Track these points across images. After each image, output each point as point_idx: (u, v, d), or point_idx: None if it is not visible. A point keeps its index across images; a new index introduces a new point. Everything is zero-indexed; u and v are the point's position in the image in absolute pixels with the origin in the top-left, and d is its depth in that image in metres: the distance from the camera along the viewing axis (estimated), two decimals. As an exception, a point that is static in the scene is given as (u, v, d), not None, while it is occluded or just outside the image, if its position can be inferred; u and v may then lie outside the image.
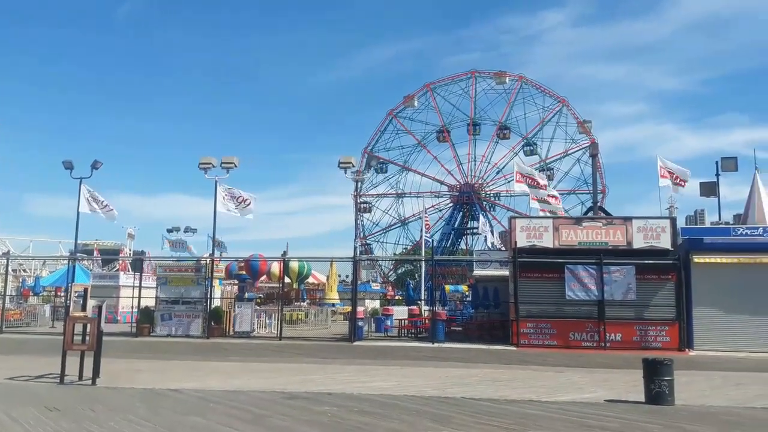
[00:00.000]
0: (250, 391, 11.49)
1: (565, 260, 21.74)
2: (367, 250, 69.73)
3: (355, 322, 23.48)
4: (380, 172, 72.01)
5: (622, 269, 21.30)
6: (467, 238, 72.89)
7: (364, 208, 70.64)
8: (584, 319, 21.63)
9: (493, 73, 69.30)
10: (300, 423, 8.78)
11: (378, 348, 21.33)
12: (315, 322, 31.66)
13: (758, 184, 25.54)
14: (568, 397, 11.39)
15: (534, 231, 22.60)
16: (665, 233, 21.67)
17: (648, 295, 21.41)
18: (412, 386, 12.35)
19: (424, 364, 16.50)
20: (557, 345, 21.41)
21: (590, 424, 9.02)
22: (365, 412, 9.59)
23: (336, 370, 15.06)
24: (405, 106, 71.33)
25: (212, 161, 26.49)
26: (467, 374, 14.52)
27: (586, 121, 66.32)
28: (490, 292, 26.65)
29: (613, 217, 23.63)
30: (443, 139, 70.65)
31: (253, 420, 8.96)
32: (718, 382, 13.92)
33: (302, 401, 10.45)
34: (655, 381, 10.61)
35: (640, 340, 21.12)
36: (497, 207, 70.50)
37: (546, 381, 13.73)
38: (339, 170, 26.31)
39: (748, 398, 11.54)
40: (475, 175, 70.49)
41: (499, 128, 69.15)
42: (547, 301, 21.99)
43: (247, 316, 24.96)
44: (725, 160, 25.93)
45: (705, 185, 26.15)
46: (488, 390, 12.04)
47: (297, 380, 13.03)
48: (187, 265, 26.74)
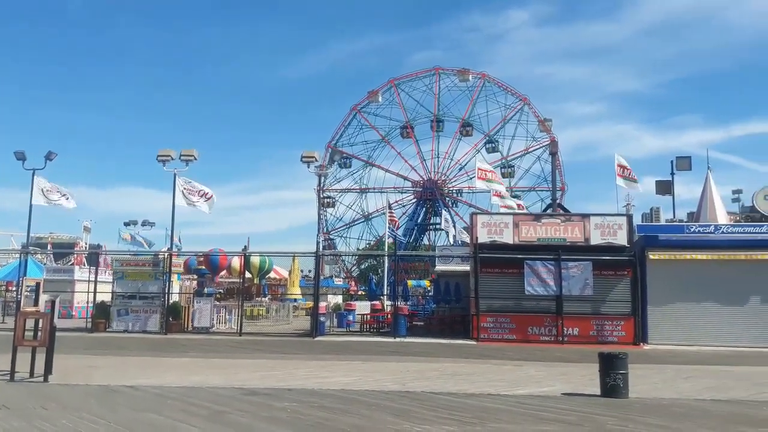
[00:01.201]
0: (208, 387, 11.33)
1: (524, 256, 22.07)
2: (330, 245, 69.54)
3: (317, 318, 23.40)
4: (344, 167, 71.87)
5: (580, 265, 21.74)
6: (430, 234, 73.42)
7: (327, 203, 70.41)
8: (543, 314, 22.01)
9: (456, 71, 69.79)
10: (259, 419, 8.70)
11: (340, 343, 21.31)
12: (276, 318, 31.45)
13: (711, 184, 26.37)
14: (527, 390, 11.58)
15: (495, 227, 22.86)
16: (622, 230, 22.19)
17: (604, 290, 21.91)
18: (373, 381, 12.38)
19: (385, 359, 16.55)
20: (516, 339, 21.74)
21: (547, 417, 9.18)
22: (325, 407, 9.56)
23: (297, 365, 14.97)
24: (369, 102, 71.28)
25: (171, 153, 25.99)
26: (428, 368, 14.62)
27: (547, 119, 67.43)
28: (452, 287, 26.92)
29: (572, 214, 24.10)
30: (407, 135, 70.88)
31: (212, 416, 8.84)
32: (670, 375, 14.32)
33: (262, 397, 10.35)
34: (610, 374, 10.86)
35: (596, 334, 21.60)
36: (460, 203, 71.16)
37: (505, 375, 13.93)
38: (302, 165, 26.17)
39: (698, 390, 11.92)
40: (438, 172, 70.98)
41: (462, 125, 69.72)
42: (507, 296, 22.30)
43: (206, 312, 24.62)
44: (680, 159, 26.68)
45: (660, 184, 26.87)
46: (448, 384, 12.14)
47: (257, 376, 12.92)
48: (144, 260, 26.21)
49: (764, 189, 23.57)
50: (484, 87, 69.61)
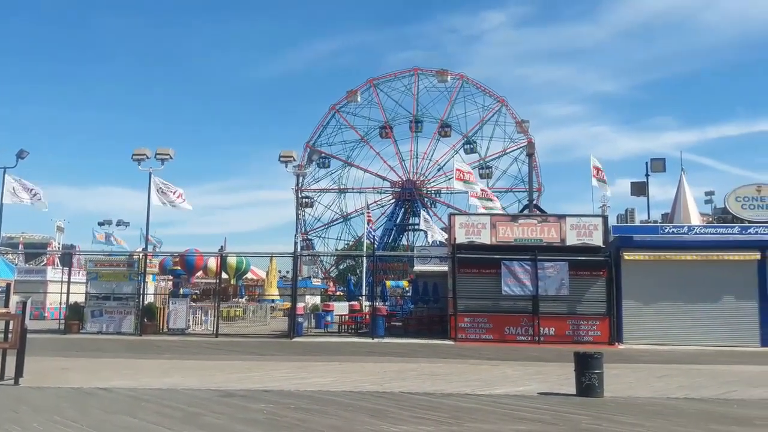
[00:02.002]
0: (184, 389, 11.21)
1: (501, 256, 22.22)
2: (308, 246, 69.30)
3: (295, 318, 23.30)
4: (322, 167, 71.69)
5: (556, 265, 21.95)
6: (409, 234, 73.54)
7: (305, 203, 70.11)
8: (519, 314, 22.18)
9: (435, 71, 70.04)
10: (235, 421, 8.63)
11: (317, 344, 21.25)
12: (253, 319, 31.26)
13: (684, 185, 26.79)
14: (503, 390, 11.66)
15: (472, 228, 22.99)
16: (597, 231, 22.46)
17: (580, 290, 22.16)
18: (351, 381, 12.36)
19: (363, 360, 16.53)
20: (493, 339, 21.88)
21: (523, 416, 9.25)
22: (302, 408, 9.52)
23: (274, 366, 14.88)
24: (348, 101, 71.18)
25: (146, 152, 25.72)
26: (405, 369, 14.65)
27: (524, 120, 67.99)
28: (430, 287, 27.01)
29: (548, 215, 24.32)
30: (386, 135, 70.95)
31: (186, 418, 8.74)
32: (644, 374, 14.53)
33: (238, 399, 10.27)
34: (585, 374, 10.98)
35: (572, 334, 21.83)
36: (438, 204, 71.41)
37: (482, 374, 14.01)
38: (280, 164, 26.07)
39: (671, 389, 12.12)
40: (417, 172, 71.13)
41: (441, 126, 70.00)
42: (485, 296, 22.44)
43: (182, 313, 24.36)
44: (654, 161, 27.08)
45: (635, 185, 27.24)
46: (425, 384, 12.18)
47: (233, 378, 12.82)
48: (118, 260, 25.87)
49: (736, 191, 23.99)
50: (462, 88, 69.99)
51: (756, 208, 23.57)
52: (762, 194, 23.75)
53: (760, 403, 10.78)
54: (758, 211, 23.49)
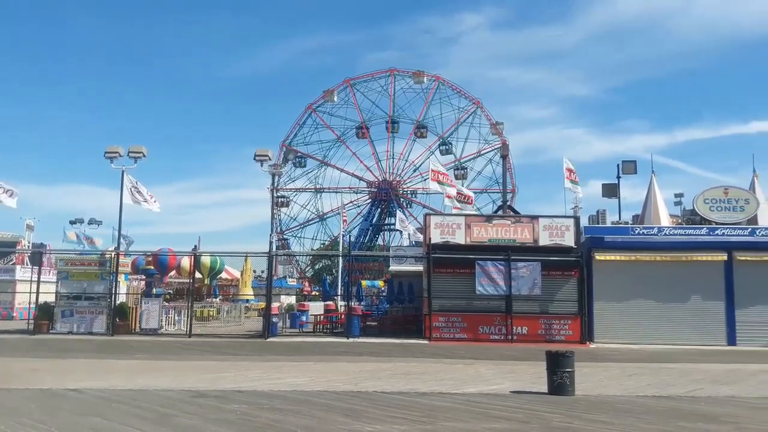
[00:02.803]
0: (155, 389, 11.10)
1: (476, 256, 22.39)
2: (284, 245, 68.95)
3: (269, 318, 23.18)
4: (299, 167, 71.42)
5: (529, 265, 22.19)
6: (385, 234, 73.62)
7: (281, 203, 69.72)
8: (493, 313, 22.37)
9: (411, 73, 70.26)
10: (208, 422, 8.57)
11: (292, 344, 21.17)
12: (227, 319, 31.00)
13: (655, 187, 27.28)
14: (476, 388, 11.77)
15: (447, 228, 23.12)
16: (569, 232, 22.76)
17: (552, 290, 22.43)
18: (325, 381, 12.36)
19: (338, 359, 16.54)
20: (467, 338, 22.04)
21: (496, 414, 9.35)
22: (276, 408, 9.49)
23: (248, 367, 14.80)
24: (324, 101, 71.02)
25: (119, 150, 25.37)
26: (380, 368, 14.69)
27: (499, 122, 68.55)
28: (405, 287, 27.09)
29: (521, 216, 24.57)
30: (362, 136, 70.95)
31: (158, 419, 8.66)
32: (615, 372, 14.78)
33: (211, 399, 10.20)
34: (557, 372, 11.14)
35: (544, 333, 22.09)
36: (414, 204, 71.63)
37: (455, 373, 14.11)
38: (255, 163, 25.90)
39: (641, 387, 12.35)
40: (393, 173, 71.26)
41: (417, 127, 70.23)
42: (459, 295, 22.60)
43: (154, 313, 24.07)
44: (626, 163, 27.49)
45: (607, 186, 27.63)
46: (400, 383, 12.23)
47: (206, 378, 12.72)
48: (90, 259, 25.46)
49: (704, 193, 24.47)
50: (438, 89, 70.34)
51: (723, 210, 24.08)
52: (729, 196, 24.27)
53: (727, 400, 11.04)
54: (725, 213, 24.01)
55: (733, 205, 24.14)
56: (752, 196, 24.96)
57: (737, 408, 10.25)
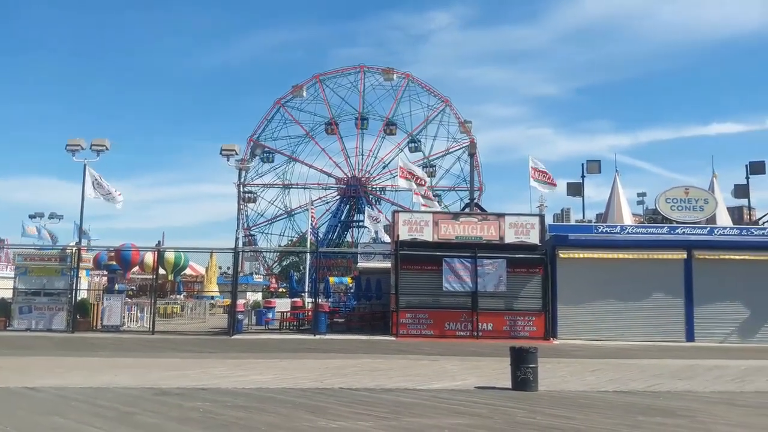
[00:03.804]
0: (117, 387, 10.89)
1: (443, 253, 22.54)
2: (250, 242, 68.32)
3: (235, 315, 22.95)
4: (266, 162, 70.71)
5: (495, 262, 22.44)
6: (353, 231, 73.50)
7: (248, 198, 68.95)
8: (459, 310, 22.56)
9: (381, 69, 70.19)
10: (170, 420, 8.44)
11: (258, 341, 21.00)
12: (192, 316, 30.61)
13: (618, 186, 27.82)
14: (441, 384, 11.84)
15: (415, 225, 23.22)
16: (534, 229, 23.07)
17: (517, 287, 22.73)
18: (291, 379, 12.29)
19: (304, 357, 16.47)
20: (434, 335, 22.18)
21: (460, 410, 9.42)
22: (240, 406, 9.40)
23: (212, 364, 14.63)
24: (293, 96, 70.47)
25: (81, 143, 24.79)
26: (346, 365, 14.67)
27: (467, 121, 69.04)
28: (373, 283, 27.11)
29: (488, 214, 24.82)
30: (331, 132, 70.63)
31: (119, 418, 8.50)
32: (577, 368, 15.02)
33: (173, 397, 10.05)
34: (521, 368, 11.28)
35: (509, 329, 22.36)
36: (383, 201, 71.66)
37: (421, 369, 14.18)
38: (221, 158, 25.58)
39: (602, 383, 12.58)
40: (362, 169, 71.14)
41: (386, 124, 70.23)
42: (426, 292, 22.73)
43: (116, 309, 23.63)
44: (590, 162, 27.97)
45: (571, 185, 28.06)
46: (366, 380, 12.23)
47: (169, 376, 12.52)
48: (50, 254, 24.86)
49: (666, 193, 25.05)
50: (407, 87, 70.42)
51: (684, 210, 24.70)
52: (690, 196, 24.90)
53: (684, 394, 11.32)
54: (686, 213, 24.62)
55: (693, 204, 24.77)
56: (711, 196, 25.66)
57: (693, 402, 10.52)
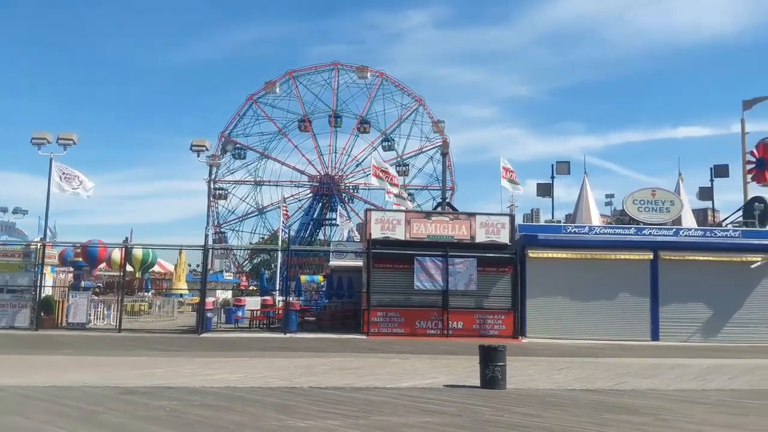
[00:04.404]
0: (81, 386, 10.68)
1: (414, 252, 22.62)
2: (221, 239, 67.61)
3: (204, 313, 22.70)
4: (238, 158, 69.99)
5: (465, 261, 22.59)
6: (326, 229, 73.23)
7: (219, 195, 68.14)
8: (430, 308, 22.68)
9: (355, 67, 70.01)
10: (135, 419, 8.31)
11: (227, 339, 20.81)
12: (160, 314, 30.17)
13: (587, 188, 28.28)
14: (411, 383, 11.88)
15: (388, 223, 23.26)
16: (505, 229, 23.30)
17: (487, 286, 22.94)
18: (260, 377, 12.20)
19: (274, 355, 16.37)
20: (405, 333, 22.25)
21: (429, 408, 9.47)
22: (207, 405, 9.30)
23: (180, 363, 14.45)
24: (266, 92, 69.85)
25: (47, 136, 24.23)
26: (317, 364, 14.62)
27: (440, 120, 69.31)
28: (345, 282, 27.07)
29: (459, 213, 24.98)
30: (305, 129, 70.24)
31: (83, 417, 8.34)
32: (545, 366, 15.21)
33: (140, 396, 9.90)
34: (489, 366, 11.38)
35: (479, 328, 22.55)
36: (356, 199, 71.55)
37: (392, 368, 14.21)
38: (192, 154, 25.20)
39: (569, 381, 12.77)
40: (335, 167, 70.90)
41: (360, 122, 70.14)
42: (398, 290, 22.79)
43: (82, 307, 23.17)
44: (560, 163, 28.33)
45: (541, 186, 28.39)
46: (335, 378, 12.22)
47: (136, 374, 12.34)
48: (13, 250, 24.23)
49: (633, 194, 25.50)
50: (381, 85, 70.41)
51: (651, 211, 25.18)
52: (656, 198, 25.39)
53: (648, 392, 11.55)
54: (653, 214, 25.11)
55: (659, 206, 25.26)
56: (677, 198, 26.22)
57: (657, 400, 10.74)
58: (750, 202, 27.80)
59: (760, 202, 26.97)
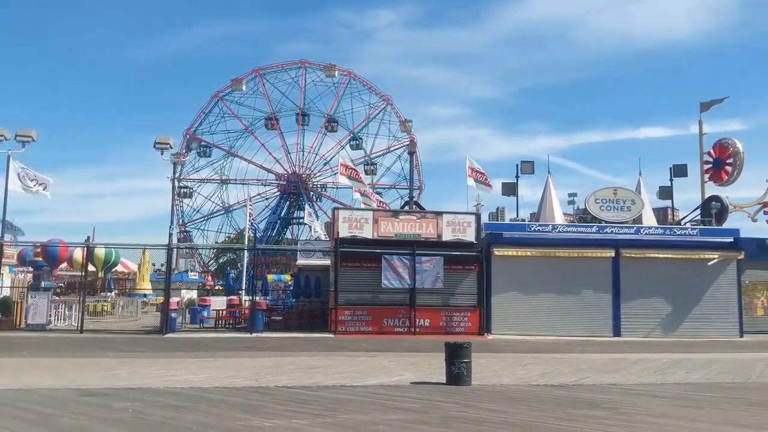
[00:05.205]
0: (40, 389, 10.42)
1: (382, 250, 22.67)
2: (186, 238, 66.62)
3: (168, 314, 22.36)
4: (203, 156, 69.06)
5: (432, 259, 22.76)
6: (293, 228, 72.81)
7: (184, 193, 67.15)
8: (397, 306, 22.78)
9: (323, 66, 69.77)
10: (96, 421, 8.15)
11: (192, 340, 20.54)
12: (123, 314, 29.62)
13: (550, 187, 28.68)
14: (378, 380, 11.91)
15: (355, 222, 23.26)
16: (471, 227, 23.53)
17: (454, 283, 23.16)
18: (225, 378, 12.08)
19: (240, 355, 16.22)
20: (372, 331, 22.30)
21: (396, 406, 9.51)
22: (171, 406, 9.17)
23: (143, 364, 14.21)
24: (232, 90, 69.09)
25: (5, 133, 23.59)
26: (284, 363, 14.54)
27: (408, 120, 69.59)
28: (312, 281, 26.95)
29: (427, 212, 25.14)
30: (272, 127, 69.68)
31: (40, 421, 8.13)
32: (510, 363, 15.42)
33: (101, 398, 9.71)
34: (455, 363, 11.48)
35: (445, 325, 22.75)
36: (323, 198, 71.34)
37: (359, 366, 14.23)
38: (156, 151, 24.82)
39: (533, 377, 12.97)
40: (303, 166, 70.56)
41: (328, 121, 69.90)
42: (365, 289, 22.83)
43: (42, 307, 22.59)
44: (524, 163, 28.67)
45: (506, 185, 28.69)
46: (302, 377, 12.17)
47: (97, 376, 12.09)
48: (-31, 251, 23.50)
49: (595, 193, 25.97)
50: (349, 84, 70.33)
51: (612, 210, 25.70)
52: (618, 197, 25.93)
53: (610, 388, 11.80)
54: (614, 213, 25.63)
55: (621, 205, 25.81)
56: (638, 197, 26.81)
57: (618, 395, 10.99)
58: (707, 201, 28.59)
59: (717, 201, 27.75)
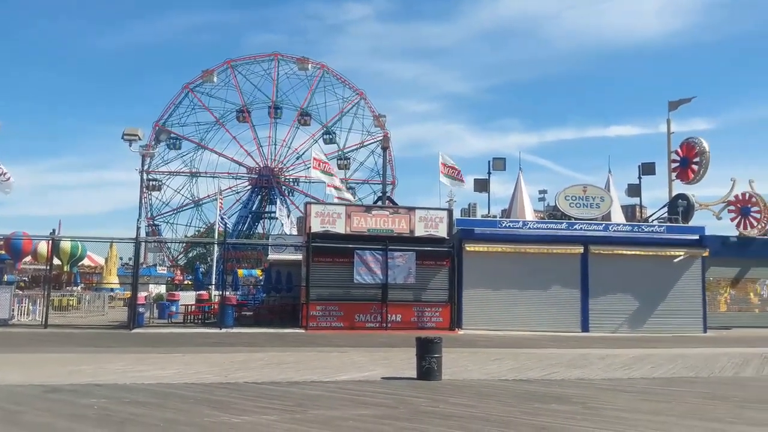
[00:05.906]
0: (2, 385, 10.16)
1: (355, 246, 22.63)
2: (154, 231, 65.71)
3: (135, 308, 22.00)
4: (173, 149, 68.11)
5: (404, 255, 22.79)
6: (265, 222, 72.31)
7: (152, 186, 66.15)
8: (369, 302, 22.74)
9: (296, 58, 69.32)
10: (61, 418, 7.98)
11: (159, 335, 20.24)
12: (89, 309, 29.05)
13: (521, 183, 28.99)
14: (349, 376, 11.90)
15: (328, 217, 23.15)
16: (443, 223, 23.62)
17: (426, 279, 23.22)
18: (194, 373, 11.93)
19: (208, 351, 16.04)
20: (344, 327, 22.25)
21: (366, 401, 9.51)
22: (138, 402, 9.03)
23: (110, 359, 13.97)
24: (203, 81, 68.24)
25: (-34, 123, 22.86)
26: (253, 359, 14.44)
27: (381, 115, 69.59)
28: (284, 276, 26.80)
29: (399, 207, 25.14)
30: (243, 120, 69.01)
31: (4, 417, 7.93)
32: (480, 357, 15.54)
33: (66, 394, 9.52)
34: (426, 358, 11.54)
35: (417, 320, 22.81)
36: (296, 192, 70.94)
37: (330, 362, 14.19)
38: (124, 143, 24.30)
39: (502, 371, 13.10)
40: (275, 159, 70.04)
41: (301, 114, 69.50)
42: (337, 284, 22.76)
43: (5, 302, 22.02)
44: (496, 160, 28.91)
45: (478, 181, 28.93)
46: (272, 373, 12.09)
47: (62, 372, 11.84)
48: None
49: (565, 190, 26.31)
50: (323, 78, 70.02)
51: (582, 207, 26.07)
52: (587, 194, 26.31)
53: (577, 382, 11.98)
54: (583, 210, 26.00)
55: (590, 202, 26.19)
56: (607, 194, 27.24)
57: (586, 389, 11.16)
58: (674, 199, 29.17)
59: (684, 199, 28.33)
